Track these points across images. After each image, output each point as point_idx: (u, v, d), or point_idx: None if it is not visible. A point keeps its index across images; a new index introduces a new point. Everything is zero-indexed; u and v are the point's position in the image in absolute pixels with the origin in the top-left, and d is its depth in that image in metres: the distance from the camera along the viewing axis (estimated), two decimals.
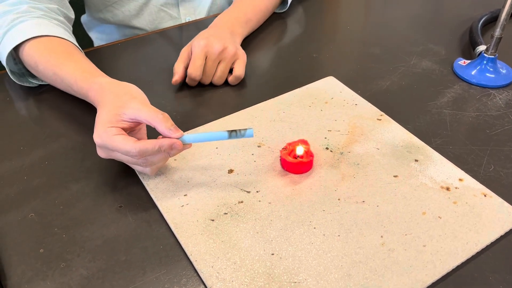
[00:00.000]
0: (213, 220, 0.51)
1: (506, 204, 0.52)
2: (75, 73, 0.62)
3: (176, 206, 0.52)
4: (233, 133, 0.52)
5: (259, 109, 0.66)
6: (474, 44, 0.78)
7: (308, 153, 0.57)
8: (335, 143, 0.60)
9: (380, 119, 0.64)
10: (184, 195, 0.53)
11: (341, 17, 0.93)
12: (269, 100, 0.68)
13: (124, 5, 0.91)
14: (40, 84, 0.72)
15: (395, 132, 0.62)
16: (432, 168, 0.56)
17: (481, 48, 0.75)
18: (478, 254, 0.47)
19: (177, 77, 0.70)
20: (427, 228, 0.49)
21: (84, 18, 1.05)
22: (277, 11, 0.91)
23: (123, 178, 0.56)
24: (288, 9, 0.92)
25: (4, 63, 0.68)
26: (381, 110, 0.65)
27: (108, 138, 0.50)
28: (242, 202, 0.53)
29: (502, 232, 0.49)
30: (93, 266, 0.47)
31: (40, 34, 0.66)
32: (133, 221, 0.51)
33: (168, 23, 0.95)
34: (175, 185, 0.54)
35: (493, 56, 0.72)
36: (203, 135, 0.53)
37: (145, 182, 0.55)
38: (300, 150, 0.56)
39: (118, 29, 0.99)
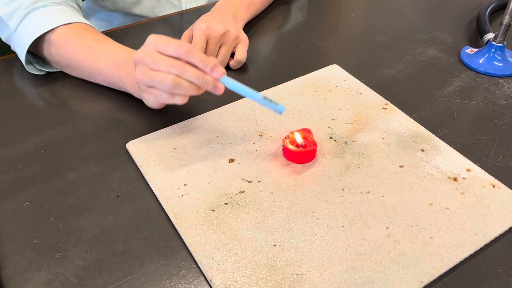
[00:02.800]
0: (213, 210, 0.49)
1: None
2: (124, 49, 0.62)
3: (175, 196, 0.51)
4: (267, 99, 0.52)
5: None
6: (481, 32, 0.76)
7: (312, 142, 0.55)
8: (339, 132, 0.59)
9: (385, 108, 0.62)
10: (184, 185, 0.52)
11: (345, 4, 0.90)
12: (272, 88, 0.66)
13: None
14: (48, 72, 0.70)
15: (401, 121, 0.60)
16: (439, 158, 0.55)
17: (489, 36, 0.73)
18: (487, 246, 0.46)
19: None
20: (434, 219, 0.48)
21: (83, 5, 1.03)
22: None
23: (121, 167, 0.55)
24: None
25: (24, 49, 0.65)
26: (386, 99, 0.64)
27: (159, 38, 0.51)
28: (243, 192, 0.51)
29: (511, 224, 0.48)
30: (89, 256, 0.46)
31: (70, 22, 0.65)
32: (131, 211, 0.50)
33: (169, 11, 0.93)
34: (174, 174, 0.53)
35: (501, 44, 0.70)
36: (240, 86, 0.52)
37: (143, 171, 0.53)
38: (299, 138, 0.55)
39: (118, 16, 0.97)
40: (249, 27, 0.80)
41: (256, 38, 0.78)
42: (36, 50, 0.68)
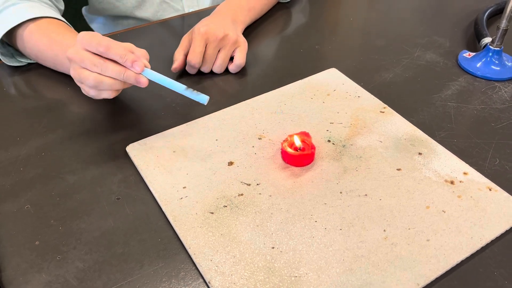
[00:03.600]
0: (212, 213, 0.50)
1: (511, 198, 0.51)
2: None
3: (175, 198, 0.51)
4: (189, 89, 0.54)
5: (260, 100, 0.65)
6: (479, 36, 0.76)
7: (310, 146, 0.55)
8: (337, 136, 0.59)
9: (383, 112, 0.63)
10: (183, 188, 0.52)
11: (344, 8, 0.91)
12: (271, 91, 0.67)
13: None
14: (29, 63, 0.73)
15: (399, 125, 0.61)
16: (436, 161, 0.55)
17: (487, 40, 0.74)
18: (483, 249, 0.46)
19: (176, 64, 0.69)
20: (431, 222, 0.48)
21: (85, 10, 1.04)
22: (281, 0, 0.90)
23: (121, 170, 0.55)
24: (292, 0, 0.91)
25: None
26: (384, 102, 0.64)
27: (85, 36, 0.53)
28: (242, 194, 0.52)
29: (507, 227, 0.48)
30: (89, 258, 0.46)
31: (39, 16, 0.67)
32: (131, 213, 0.50)
33: (171, 15, 0.93)
34: (174, 177, 0.53)
35: (498, 49, 0.71)
36: (163, 78, 0.54)
37: (143, 174, 0.54)
38: (297, 141, 0.55)
39: (121, 21, 0.97)
40: (248, 31, 0.80)
41: (255, 42, 0.79)
42: (12, 44, 0.71)
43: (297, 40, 0.80)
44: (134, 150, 0.57)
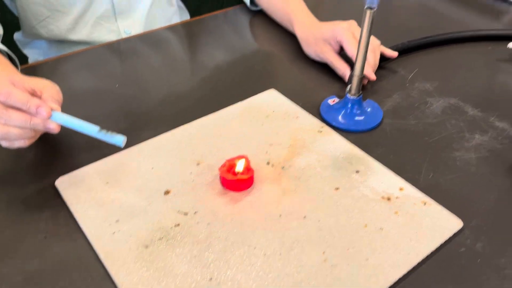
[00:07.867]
0: (147, 247, 0.47)
1: (445, 211, 0.52)
2: None
3: (106, 233, 0.48)
4: (103, 131, 0.50)
5: (197, 125, 0.64)
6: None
7: (248, 169, 0.55)
8: (276, 157, 0.59)
9: (321, 131, 0.63)
10: (116, 221, 0.50)
11: (282, 29, 0.92)
12: (208, 115, 0.65)
13: (59, 20, 0.87)
14: None
15: (336, 144, 0.61)
16: (373, 178, 0.56)
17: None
18: (420, 264, 0.47)
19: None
20: (369, 240, 0.48)
21: (17, 35, 0.99)
22: (252, 8, 0.94)
23: (49, 207, 0.52)
24: (231, 21, 0.90)
25: None
26: (322, 121, 0.65)
27: None
28: (178, 225, 0.50)
29: (442, 240, 0.49)
30: None
31: None
32: (59, 252, 0.47)
33: (107, 37, 0.91)
34: (106, 210, 0.51)
35: (356, 98, 0.64)
36: (74, 120, 0.50)
37: (73, 209, 0.51)
38: (240, 166, 0.54)
39: (55, 44, 0.94)
40: (189, 53, 0.79)
41: (193, 64, 0.78)
42: None
43: (236, 61, 0.80)
44: (64, 183, 0.54)
